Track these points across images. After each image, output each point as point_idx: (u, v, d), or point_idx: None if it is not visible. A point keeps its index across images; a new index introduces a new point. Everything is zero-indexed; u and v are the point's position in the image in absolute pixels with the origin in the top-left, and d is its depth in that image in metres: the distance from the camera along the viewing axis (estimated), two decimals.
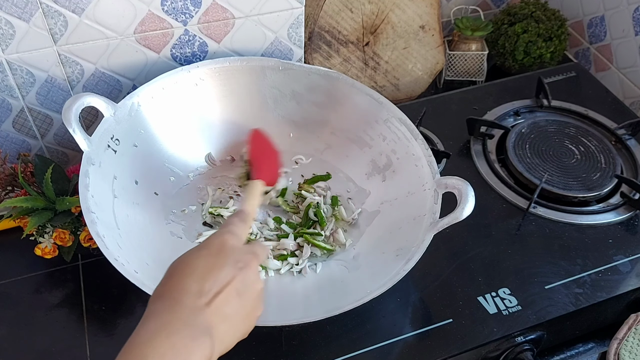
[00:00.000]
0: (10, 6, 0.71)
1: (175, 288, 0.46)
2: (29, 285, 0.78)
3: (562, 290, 0.76)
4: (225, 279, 0.47)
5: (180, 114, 0.82)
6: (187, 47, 0.84)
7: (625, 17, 1.06)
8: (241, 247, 0.51)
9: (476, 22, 1.13)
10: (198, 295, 0.45)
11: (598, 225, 0.85)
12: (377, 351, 0.70)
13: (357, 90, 0.84)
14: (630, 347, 0.73)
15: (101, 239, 0.64)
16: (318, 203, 0.81)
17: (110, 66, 0.82)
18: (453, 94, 1.06)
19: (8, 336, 0.73)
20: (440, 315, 0.73)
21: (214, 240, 0.50)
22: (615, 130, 0.98)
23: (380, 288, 0.64)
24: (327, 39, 0.99)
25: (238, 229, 0.53)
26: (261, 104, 0.87)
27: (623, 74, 1.10)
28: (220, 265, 0.48)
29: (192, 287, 0.46)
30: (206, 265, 0.47)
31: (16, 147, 0.85)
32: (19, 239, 0.76)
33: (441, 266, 0.78)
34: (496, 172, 0.91)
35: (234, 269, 0.48)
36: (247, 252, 0.51)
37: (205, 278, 0.46)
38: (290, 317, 0.67)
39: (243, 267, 0.49)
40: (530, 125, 0.98)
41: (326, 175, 0.85)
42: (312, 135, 0.87)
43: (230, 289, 0.47)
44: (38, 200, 0.74)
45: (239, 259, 0.49)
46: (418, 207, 0.73)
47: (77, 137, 0.69)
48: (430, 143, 0.92)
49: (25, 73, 0.78)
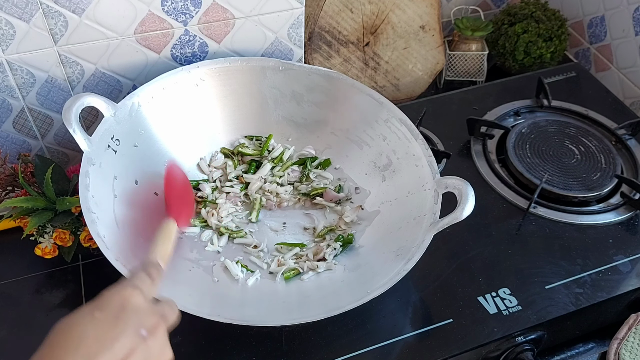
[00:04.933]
0: (10, 6, 0.72)
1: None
2: (29, 285, 0.78)
3: (562, 290, 0.76)
4: (121, 354, 0.39)
5: (181, 114, 0.82)
6: (187, 47, 0.84)
7: (625, 17, 1.06)
8: (146, 308, 0.43)
9: (476, 22, 1.13)
10: None
11: (598, 225, 0.85)
12: (377, 351, 0.70)
13: (357, 91, 0.84)
14: (631, 347, 0.73)
15: (101, 239, 0.64)
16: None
17: (111, 66, 0.82)
18: (453, 94, 1.06)
19: (8, 337, 0.73)
20: (441, 315, 0.73)
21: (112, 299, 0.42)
22: (616, 130, 0.98)
23: (380, 288, 0.65)
24: (327, 39, 0.99)
25: (144, 283, 0.45)
26: (261, 104, 0.87)
27: (623, 74, 1.10)
28: (117, 334, 0.39)
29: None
30: (98, 334, 0.39)
31: (16, 147, 0.85)
32: (19, 239, 0.76)
33: (441, 266, 0.78)
34: (496, 172, 0.91)
35: (135, 339, 0.40)
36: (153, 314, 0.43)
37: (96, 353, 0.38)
38: (290, 317, 0.67)
39: (147, 336, 0.41)
40: (531, 125, 0.98)
41: (326, 160, 0.86)
42: (312, 135, 0.87)
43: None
44: (38, 200, 0.74)
45: (141, 323, 0.41)
46: (418, 207, 0.73)
47: (77, 137, 0.69)
48: (430, 143, 0.92)
49: (25, 73, 0.78)
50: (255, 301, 0.71)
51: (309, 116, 0.87)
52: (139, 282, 0.45)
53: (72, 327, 0.39)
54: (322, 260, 0.75)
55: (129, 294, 0.42)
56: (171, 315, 0.45)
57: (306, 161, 0.86)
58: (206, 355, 0.69)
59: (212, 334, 0.70)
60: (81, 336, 0.38)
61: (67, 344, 0.38)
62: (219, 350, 0.69)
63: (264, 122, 0.88)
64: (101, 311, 0.40)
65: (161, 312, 0.44)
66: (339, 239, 0.77)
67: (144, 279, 0.46)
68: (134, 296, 0.42)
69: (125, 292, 0.42)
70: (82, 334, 0.38)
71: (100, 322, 0.40)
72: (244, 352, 0.69)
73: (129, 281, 0.45)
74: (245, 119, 0.87)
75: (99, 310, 0.41)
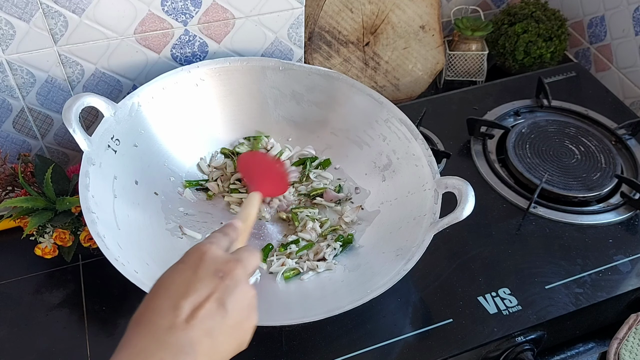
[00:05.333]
0: (10, 6, 0.72)
1: (149, 310, 0.44)
2: (29, 285, 0.78)
3: (562, 290, 0.76)
4: (204, 292, 0.44)
5: (181, 114, 0.82)
6: (187, 47, 0.84)
7: (625, 17, 1.06)
8: (223, 256, 0.48)
9: (476, 22, 1.13)
10: (174, 313, 0.43)
11: (598, 225, 0.85)
12: (377, 351, 0.70)
13: (357, 90, 0.84)
14: (631, 347, 0.73)
15: (101, 239, 0.64)
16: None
17: (111, 66, 0.82)
18: (453, 94, 1.06)
19: (8, 336, 0.73)
20: (441, 315, 0.73)
21: (192, 253, 0.47)
22: (616, 130, 0.98)
23: (380, 288, 0.64)
24: (327, 39, 0.99)
25: (221, 240, 0.50)
26: (261, 104, 0.87)
27: (623, 74, 1.10)
28: (199, 277, 0.45)
29: (167, 306, 0.43)
30: (182, 280, 0.45)
31: (16, 147, 0.85)
32: (19, 239, 0.76)
33: (441, 266, 0.78)
34: (496, 172, 0.91)
35: (214, 279, 0.45)
36: (229, 260, 0.47)
37: (182, 294, 0.44)
38: (290, 317, 0.67)
39: (225, 276, 0.46)
40: (531, 125, 0.98)
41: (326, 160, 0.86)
42: (312, 135, 0.87)
43: (212, 302, 0.44)
44: (38, 200, 0.74)
45: (219, 268, 0.46)
46: (418, 207, 0.73)
47: (77, 137, 0.69)
48: (430, 143, 0.92)
49: (25, 73, 0.78)
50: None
51: (309, 116, 0.87)
52: (214, 239, 0.50)
53: (161, 280, 0.46)
54: (322, 260, 0.75)
55: (206, 248, 0.47)
56: (248, 257, 0.49)
57: (306, 161, 0.86)
58: None
59: None
60: (168, 284, 0.45)
61: (159, 292, 0.45)
62: None
63: (264, 122, 0.88)
64: (184, 264, 0.46)
65: (237, 258, 0.48)
66: (339, 239, 0.77)
67: (219, 237, 0.51)
68: (210, 249, 0.47)
69: (202, 247, 0.48)
70: (170, 282, 0.45)
71: (184, 271, 0.46)
72: (244, 352, 0.69)
73: (206, 239, 0.50)
74: (245, 119, 0.87)
75: (182, 264, 0.46)
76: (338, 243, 0.77)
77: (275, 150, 0.87)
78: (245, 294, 0.47)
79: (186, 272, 0.45)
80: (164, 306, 0.43)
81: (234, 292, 0.46)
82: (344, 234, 0.78)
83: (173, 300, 0.43)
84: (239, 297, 0.46)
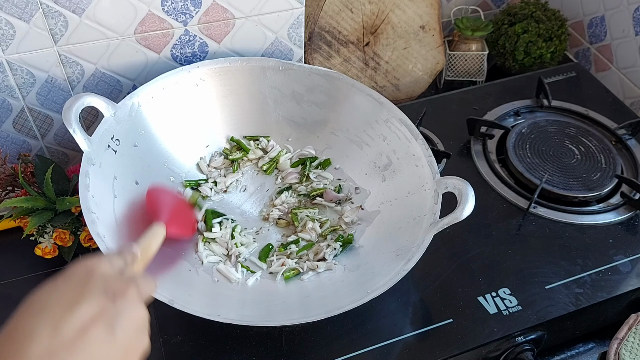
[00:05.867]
0: (10, 6, 0.72)
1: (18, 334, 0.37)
2: (29, 285, 0.77)
3: (562, 290, 0.76)
4: (90, 312, 0.38)
5: (181, 114, 0.82)
6: (187, 47, 0.84)
7: (625, 17, 1.06)
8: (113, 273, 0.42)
9: (476, 22, 1.13)
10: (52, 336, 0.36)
11: (598, 225, 0.85)
12: (377, 351, 0.70)
13: (358, 91, 0.84)
14: (631, 347, 0.73)
15: (101, 239, 0.64)
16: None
17: (111, 66, 0.82)
18: (453, 94, 1.06)
19: None
20: (441, 316, 0.73)
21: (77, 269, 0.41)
22: (616, 130, 0.98)
23: (380, 288, 0.64)
24: (327, 39, 0.99)
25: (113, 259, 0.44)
26: (261, 104, 0.87)
27: (623, 74, 1.10)
28: (85, 295, 0.39)
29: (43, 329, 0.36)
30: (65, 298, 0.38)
31: (16, 148, 0.85)
32: (19, 239, 0.76)
33: (441, 266, 0.78)
34: (496, 172, 0.91)
35: (102, 300, 0.39)
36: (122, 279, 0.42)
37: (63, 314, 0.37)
38: (290, 317, 0.67)
39: (116, 296, 0.40)
40: (531, 125, 0.98)
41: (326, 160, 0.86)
42: (312, 135, 0.87)
43: (99, 324, 0.38)
44: (38, 200, 0.74)
45: (110, 287, 0.40)
46: (418, 207, 0.73)
47: (77, 137, 0.69)
48: (430, 143, 0.92)
49: (25, 73, 0.78)
50: (255, 301, 0.71)
51: (309, 116, 0.87)
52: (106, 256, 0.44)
53: (37, 297, 0.39)
54: (322, 260, 0.75)
55: (96, 263, 0.42)
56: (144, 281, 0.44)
57: (306, 161, 0.86)
58: (206, 355, 0.69)
59: (212, 334, 0.70)
60: (46, 301, 0.38)
61: (32, 311, 0.38)
62: (219, 350, 0.69)
63: (264, 122, 0.88)
64: (65, 280, 0.40)
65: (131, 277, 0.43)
66: (339, 239, 0.77)
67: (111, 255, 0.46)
68: (100, 264, 0.42)
69: (92, 262, 0.42)
70: (47, 301, 0.38)
71: (65, 289, 0.39)
72: (244, 352, 0.69)
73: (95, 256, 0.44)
74: (245, 119, 0.87)
75: (64, 280, 0.40)
76: (338, 243, 0.77)
77: (275, 151, 0.86)
78: (137, 317, 0.41)
79: (69, 290, 0.39)
80: (39, 329, 0.37)
81: (124, 314, 0.40)
82: (344, 234, 0.78)
83: (52, 321, 0.37)
84: (130, 321, 0.41)
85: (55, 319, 0.37)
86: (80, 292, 0.39)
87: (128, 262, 0.47)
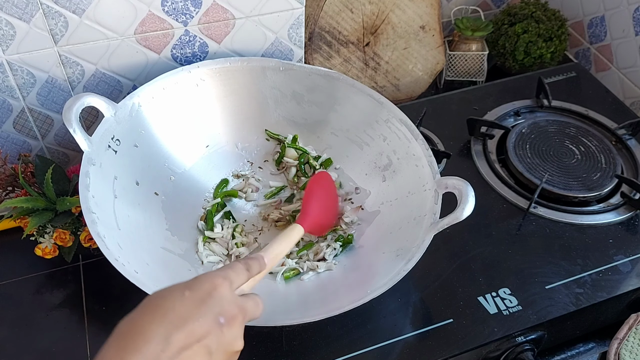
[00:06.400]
0: (10, 7, 0.72)
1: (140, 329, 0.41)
2: (29, 285, 0.78)
3: (562, 290, 0.76)
4: (198, 333, 0.42)
5: (181, 114, 0.82)
6: (187, 47, 0.84)
7: (625, 17, 1.06)
8: (230, 299, 0.46)
9: (476, 23, 1.13)
10: (162, 345, 0.40)
11: (598, 225, 0.85)
12: (377, 351, 0.70)
13: (358, 91, 0.84)
14: (631, 347, 0.73)
15: (102, 239, 0.64)
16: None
17: (111, 67, 0.82)
18: (453, 94, 1.06)
19: (9, 337, 0.73)
20: (441, 315, 0.73)
21: (203, 283, 0.45)
22: (616, 130, 0.98)
23: (380, 288, 0.64)
24: (327, 39, 0.99)
25: (237, 276, 0.48)
26: (262, 104, 0.87)
27: (623, 74, 1.10)
28: (199, 315, 0.42)
29: (158, 334, 0.41)
30: (183, 310, 0.42)
31: (17, 148, 0.85)
32: (19, 239, 0.76)
33: (441, 266, 0.78)
34: (496, 172, 0.91)
35: (212, 324, 0.43)
36: (235, 306, 0.45)
37: (177, 326, 0.41)
38: (290, 317, 0.67)
39: (224, 324, 0.44)
40: (531, 125, 0.98)
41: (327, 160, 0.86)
42: (313, 135, 0.88)
43: (200, 346, 0.42)
44: (38, 200, 0.74)
45: (222, 312, 0.44)
46: (418, 207, 0.73)
47: (77, 137, 0.69)
48: (430, 143, 0.92)
49: (25, 74, 0.78)
50: None
51: (309, 116, 0.87)
52: (233, 273, 0.48)
53: (164, 299, 0.43)
54: (322, 260, 0.75)
55: (219, 283, 0.45)
56: (252, 309, 0.48)
57: (308, 158, 0.86)
58: None
59: None
60: (169, 309, 0.42)
61: (155, 313, 0.42)
62: None
63: (264, 122, 0.88)
64: (191, 292, 0.44)
65: (243, 305, 0.46)
66: (339, 239, 0.77)
67: (239, 272, 0.49)
68: (222, 286, 0.45)
69: (216, 280, 0.45)
70: (171, 307, 0.42)
71: (188, 301, 0.43)
72: (244, 352, 0.69)
73: (223, 269, 0.48)
74: (246, 119, 0.87)
75: (189, 291, 0.44)
76: (338, 243, 0.77)
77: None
78: (236, 347, 0.45)
79: (189, 304, 0.43)
80: (156, 333, 0.41)
81: (225, 343, 0.44)
82: (344, 234, 0.78)
83: (166, 329, 0.41)
84: (228, 351, 0.45)
85: (170, 329, 0.41)
86: (198, 309, 0.43)
87: (253, 275, 0.51)
